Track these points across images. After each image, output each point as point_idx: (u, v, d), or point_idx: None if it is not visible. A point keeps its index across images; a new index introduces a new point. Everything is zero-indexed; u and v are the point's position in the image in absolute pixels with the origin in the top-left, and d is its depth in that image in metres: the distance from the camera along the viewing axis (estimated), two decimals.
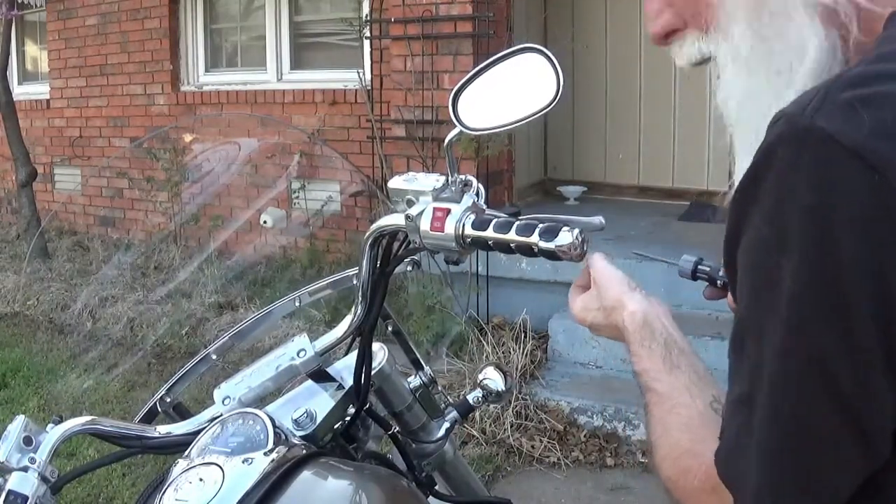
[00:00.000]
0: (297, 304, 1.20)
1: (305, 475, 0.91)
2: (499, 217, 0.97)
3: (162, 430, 1.05)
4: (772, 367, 0.58)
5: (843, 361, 0.55)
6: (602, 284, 0.88)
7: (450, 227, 0.97)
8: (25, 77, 7.49)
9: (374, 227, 1.05)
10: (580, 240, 0.91)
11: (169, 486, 0.87)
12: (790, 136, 0.55)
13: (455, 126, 0.99)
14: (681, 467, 0.71)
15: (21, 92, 7.05)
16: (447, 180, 1.01)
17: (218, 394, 1.07)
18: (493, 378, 1.24)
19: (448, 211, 0.98)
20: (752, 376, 0.60)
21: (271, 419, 0.95)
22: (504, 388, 1.24)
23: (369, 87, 5.01)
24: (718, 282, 0.95)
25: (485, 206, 1.01)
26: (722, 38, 0.69)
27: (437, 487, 1.21)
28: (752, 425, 0.60)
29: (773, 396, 0.58)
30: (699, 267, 0.96)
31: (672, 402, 0.75)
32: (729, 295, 0.88)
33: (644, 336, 0.81)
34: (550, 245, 0.91)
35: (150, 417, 1.14)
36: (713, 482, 0.65)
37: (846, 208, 0.53)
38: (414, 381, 1.20)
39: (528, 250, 0.94)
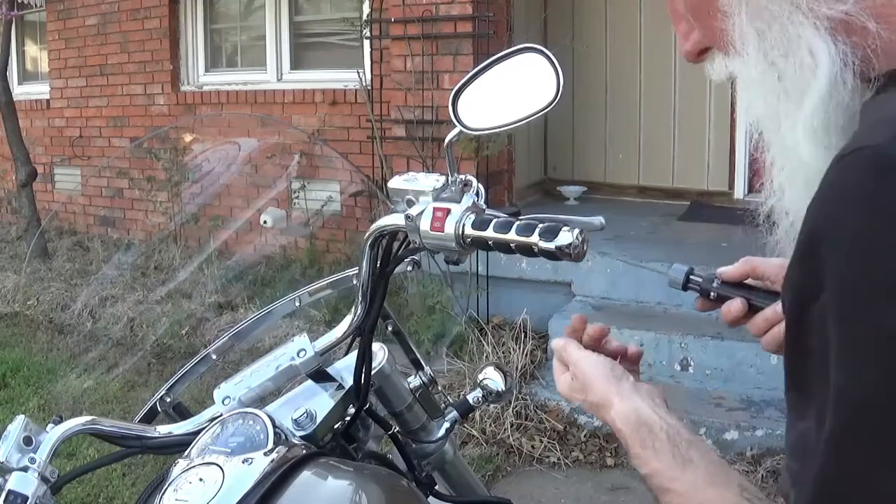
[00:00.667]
0: (297, 304, 1.20)
1: (305, 475, 0.91)
2: (499, 217, 0.97)
3: (162, 430, 1.05)
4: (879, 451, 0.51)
5: None
6: (582, 380, 0.82)
7: (450, 227, 0.97)
8: (25, 77, 7.50)
9: (374, 227, 1.05)
10: (580, 240, 0.91)
11: (169, 486, 0.87)
12: (870, 167, 0.51)
13: (455, 126, 0.99)
14: None
15: (21, 92, 7.06)
16: (447, 180, 1.01)
17: (218, 394, 1.07)
18: (493, 378, 1.24)
19: (448, 211, 0.98)
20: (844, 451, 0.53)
21: (271, 419, 0.95)
22: (504, 388, 1.24)
23: (369, 87, 5.01)
24: (712, 294, 0.91)
25: (485, 206, 1.01)
26: (739, 60, 0.67)
27: (437, 487, 1.21)
28: None
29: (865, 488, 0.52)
30: (691, 277, 0.93)
31: (698, 500, 0.69)
32: (724, 306, 0.87)
33: (644, 436, 0.75)
34: (550, 245, 0.91)
35: (150, 417, 1.14)
36: None
37: None
38: (414, 381, 1.20)
39: (528, 250, 0.94)
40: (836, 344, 0.52)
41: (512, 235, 0.94)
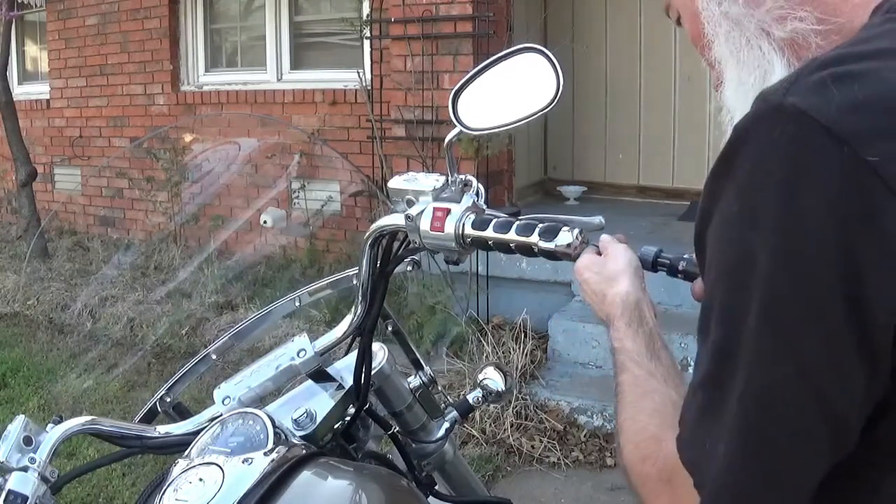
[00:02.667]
0: (297, 304, 1.20)
1: (305, 475, 0.91)
2: (499, 217, 0.97)
3: (162, 430, 1.05)
4: (743, 349, 0.57)
5: (815, 342, 0.54)
6: (611, 255, 0.88)
7: (450, 227, 0.97)
8: (25, 77, 7.49)
9: (374, 227, 1.05)
10: (579, 240, 0.91)
11: (169, 486, 0.87)
12: (764, 114, 0.56)
13: (455, 126, 0.99)
14: (642, 453, 0.70)
15: (21, 92, 7.05)
16: (447, 180, 1.01)
17: (218, 394, 1.07)
18: (493, 378, 1.24)
19: (448, 211, 0.98)
20: (720, 356, 0.59)
21: (271, 419, 0.95)
22: (504, 388, 1.24)
23: (369, 87, 5.01)
24: (679, 273, 0.94)
25: (485, 206, 1.01)
26: (716, 57, 0.73)
27: (437, 487, 1.21)
28: (721, 408, 0.58)
29: (744, 379, 0.57)
30: (658, 259, 0.95)
31: (647, 386, 0.74)
32: (692, 285, 0.89)
33: (633, 318, 0.81)
34: (550, 245, 0.91)
35: (150, 417, 1.14)
36: (669, 472, 0.64)
37: (816, 183, 0.53)
38: (414, 381, 1.20)
39: (528, 250, 0.94)
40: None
41: (512, 235, 0.94)
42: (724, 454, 0.58)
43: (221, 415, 1.02)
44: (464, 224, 0.97)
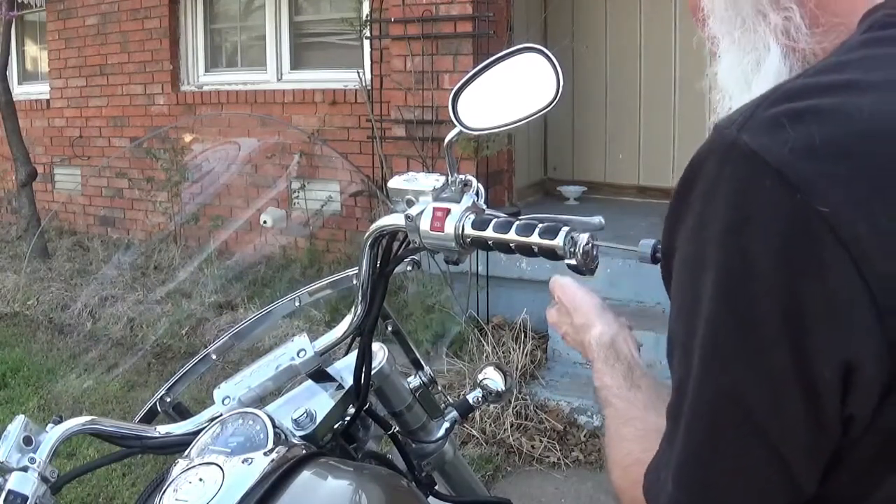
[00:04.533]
0: (297, 304, 1.20)
1: (305, 475, 0.91)
2: (499, 217, 0.97)
3: (162, 430, 1.05)
4: (691, 390, 0.56)
5: (757, 387, 0.53)
6: (572, 305, 0.91)
7: (449, 227, 0.97)
8: (25, 77, 7.49)
9: (374, 226, 1.05)
10: (591, 246, 0.91)
11: (169, 486, 0.87)
12: (716, 149, 0.54)
13: (455, 126, 0.99)
14: (631, 477, 0.70)
15: (21, 92, 7.05)
16: (447, 180, 1.01)
17: (218, 394, 1.07)
18: (493, 378, 1.24)
19: (448, 211, 0.98)
20: (679, 392, 0.59)
21: (271, 419, 0.95)
22: (504, 388, 1.24)
23: (369, 87, 5.01)
24: None
25: (485, 206, 1.01)
26: (711, 35, 0.72)
27: (437, 487, 1.21)
28: (674, 440, 0.58)
29: (690, 419, 0.57)
30: (657, 250, 0.96)
31: (628, 415, 0.76)
32: None
33: (609, 355, 0.83)
34: (550, 245, 0.91)
35: (150, 417, 1.14)
36: None
37: (765, 227, 0.51)
38: (414, 381, 1.20)
39: (527, 250, 0.94)
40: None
41: (512, 235, 0.94)
42: (671, 486, 0.58)
43: (221, 415, 1.02)
44: (464, 224, 0.97)
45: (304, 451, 0.94)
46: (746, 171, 0.52)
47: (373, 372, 1.09)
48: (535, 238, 0.93)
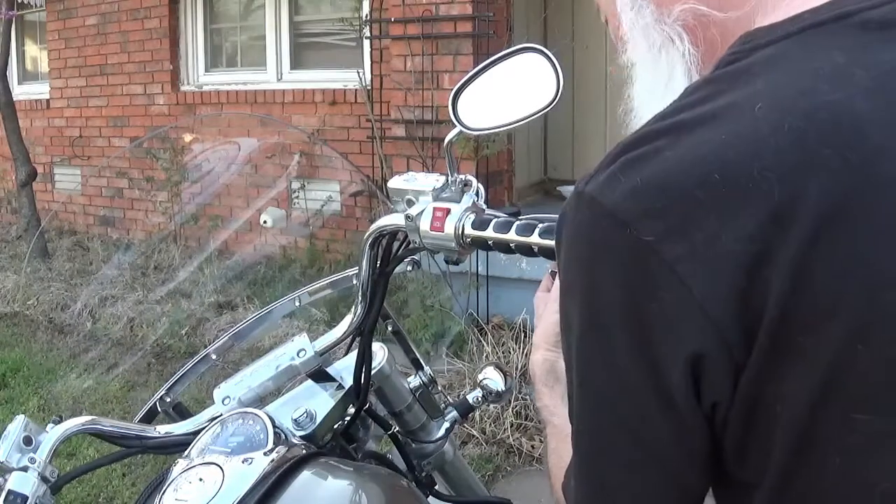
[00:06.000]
0: (297, 304, 1.20)
1: (305, 475, 0.91)
2: (498, 217, 0.97)
3: (162, 430, 1.05)
4: (575, 401, 0.65)
5: (623, 397, 0.61)
6: (536, 321, 0.97)
7: (449, 227, 0.97)
8: (25, 77, 7.50)
9: (374, 226, 1.05)
10: None
11: (169, 486, 0.87)
12: (572, 199, 0.64)
13: (455, 126, 0.99)
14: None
15: (21, 92, 7.05)
16: (447, 180, 1.01)
17: (218, 394, 1.07)
18: (493, 378, 1.24)
19: (448, 211, 0.98)
20: (570, 402, 0.67)
21: (271, 419, 0.95)
22: (504, 388, 1.24)
23: (369, 87, 5.01)
24: None
25: (484, 206, 1.01)
26: (626, 48, 0.77)
27: (437, 487, 1.21)
28: (576, 446, 0.67)
29: (578, 428, 0.66)
30: None
31: (566, 432, 0.81)
32: None
33: (548, 379, 0.89)
34: (550, 245, 0.91)
35: (150, 417, 1.14)
36: None
37: (608, 259, 0.60)
38: (414, 381, 1.20)
39: (527, 250, 0.94)
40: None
41: (512, 235, 0.94)
42: (575, 491, 0.68)
43: (221, 415, 1.02)
44: (464, 224, 0.97)
45: (304, 451, 0.94)
46: (590, 216, 0.61)
47: (373, 372, 1.09)
48: (535, 238, 0.93)
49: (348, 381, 1.08)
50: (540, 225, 0.93)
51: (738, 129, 0.57)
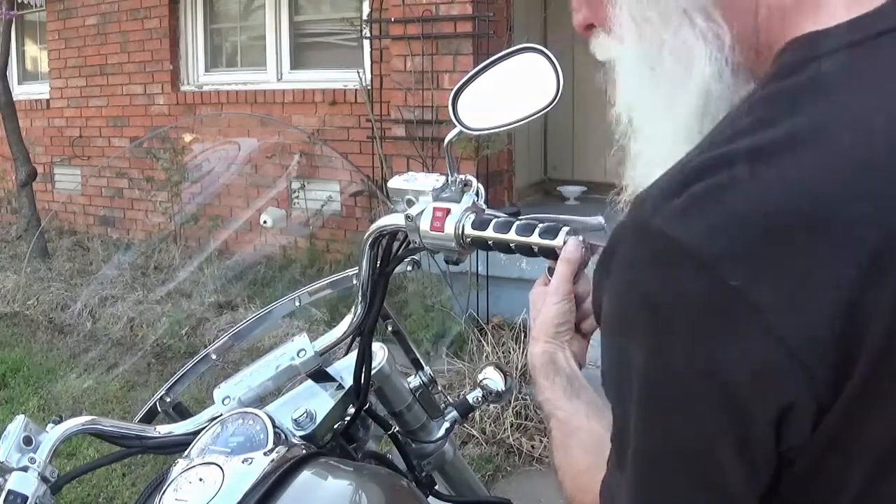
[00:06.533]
0: (297, 304, 1.20)
1: (305, 475, 0.91)
2: (498, 217, 0.97)
3: (162, 430, 1.05)
4: (632, 435, 0.60)
5: (695, 447, 0.57)
6: (532, 315, 0.91)
7: (449, 227, 0.97)
8: (25, 77, 7.49)
9: (374, 226, 1.05)
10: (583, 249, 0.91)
11: (169, 486, 0.87)
12: (633, 229, 0.58)
13: (455, 126, 0.99)
14: (579, 486, 0.74)
15: (21, 92, 7.05)
16: (447, 180, 1.01)
17: (218, 394, 1.07)
18: (493, 378, 1.24)
19: (448, 211, 0.98)
20: (621, 431, 0.62)
21: (271, 419, 0.95)
22: (504, 388, 1.24)
23: (369, 87, 5.01)
24: None
25: (485, 206, 1.01)
26: (617, 43, 0.69)
27: (437, 487, 1.21)
28: (623, 467, 0.62)
29: (636, 470, 0.60)
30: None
31: (572, 426, 0.79)
32: None
33: (548, 371, 0.85)
34: (550, 245, 0.91)
35: (150, 417, 1.14)
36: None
37: (684, 303, 0.54)
38: (414, 381, 1.20)
39: (527, 250, 0.94)
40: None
41: (512, 235, 0.94)
42: None
43: (221, 415, 1.02)
44: (464, 224, 0.97)
45: (304, 451, 0.94)
46: (660, 254, 0.55)
47: (373, 372, 1.09)
48: (535, 238, 0.93)
49: (348, 381, 1.08)
50: (540, 225, 0.93)
51: (825, 158, 0.52)
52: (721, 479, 0.57)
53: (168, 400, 1.14)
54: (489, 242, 0.96)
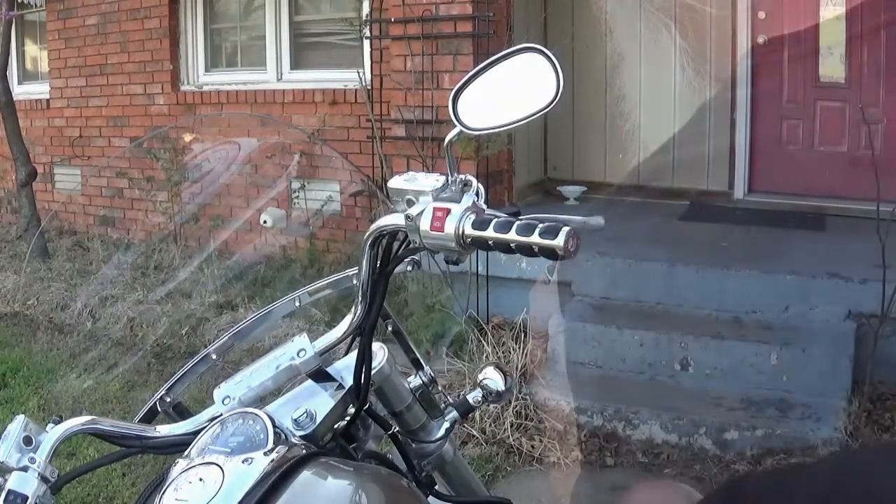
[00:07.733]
0: (297, 304, 1.19)
1: (305, 475, 0.91)
2: (499, 217, 0.97)
3: (162, 430, 1.05)
4: None
5: None
6: None
7: (450, 227, 0.97)
8: (25, 77, 7.49)
9: (374, 226, 1.05)
10: (572, 238, 0.91)
11: (169, 486, 0.87)
12: None
13: (455, 126, 0.99)
14: None
15: (21, 92, 7.05)
16: (447, 180, 1.01)
17: (218, 394, 1.07)
18: (493, 378, 1.24)
19: (448, 211, 0.98)
20: None
21: (271, 419, 0.95)
22: (504, 388, 1.24)
23: (369, 87, 5.01)
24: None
25: (485, 206, 1.01)
26: None
27: (437, 487, 1.21)
28: None
29: None
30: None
31: None
32: None
33: None
34: (550, 245, 0.91)
35: (150, 417, 1.14)
36: None
37: None
38: (414, 381, 1.20)
39: (528, 250, 0.94)
40: None
41: (512, 235, 0.94)
42: None
43: (221, 415, 1.01)
44: (464, 224, 0.97)
45: (304, 451, 0.94)
46: None
47: (373, 372, 1.09)
48: (535, 238, 0.92)
49: (348, 381, 1.08)
50: (540, 225, 0.93)
51: None
52: None
53: (168, 400, 1.14)
54: (489, 242, 0.96)
